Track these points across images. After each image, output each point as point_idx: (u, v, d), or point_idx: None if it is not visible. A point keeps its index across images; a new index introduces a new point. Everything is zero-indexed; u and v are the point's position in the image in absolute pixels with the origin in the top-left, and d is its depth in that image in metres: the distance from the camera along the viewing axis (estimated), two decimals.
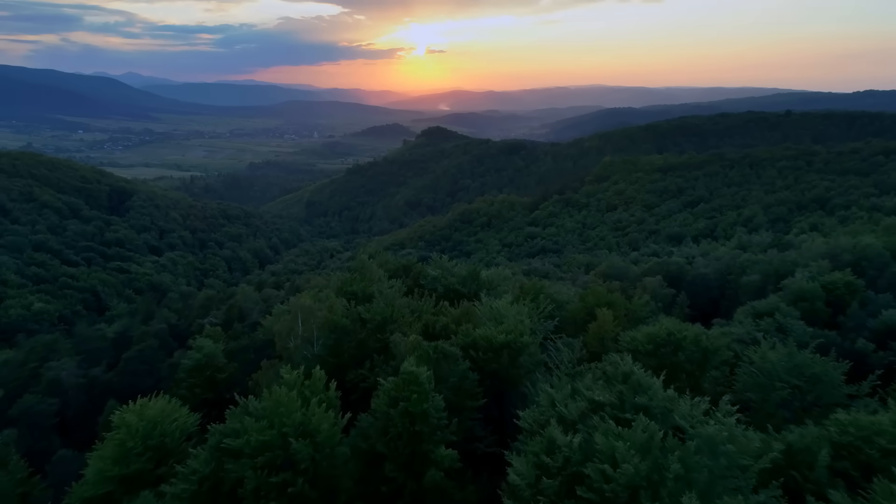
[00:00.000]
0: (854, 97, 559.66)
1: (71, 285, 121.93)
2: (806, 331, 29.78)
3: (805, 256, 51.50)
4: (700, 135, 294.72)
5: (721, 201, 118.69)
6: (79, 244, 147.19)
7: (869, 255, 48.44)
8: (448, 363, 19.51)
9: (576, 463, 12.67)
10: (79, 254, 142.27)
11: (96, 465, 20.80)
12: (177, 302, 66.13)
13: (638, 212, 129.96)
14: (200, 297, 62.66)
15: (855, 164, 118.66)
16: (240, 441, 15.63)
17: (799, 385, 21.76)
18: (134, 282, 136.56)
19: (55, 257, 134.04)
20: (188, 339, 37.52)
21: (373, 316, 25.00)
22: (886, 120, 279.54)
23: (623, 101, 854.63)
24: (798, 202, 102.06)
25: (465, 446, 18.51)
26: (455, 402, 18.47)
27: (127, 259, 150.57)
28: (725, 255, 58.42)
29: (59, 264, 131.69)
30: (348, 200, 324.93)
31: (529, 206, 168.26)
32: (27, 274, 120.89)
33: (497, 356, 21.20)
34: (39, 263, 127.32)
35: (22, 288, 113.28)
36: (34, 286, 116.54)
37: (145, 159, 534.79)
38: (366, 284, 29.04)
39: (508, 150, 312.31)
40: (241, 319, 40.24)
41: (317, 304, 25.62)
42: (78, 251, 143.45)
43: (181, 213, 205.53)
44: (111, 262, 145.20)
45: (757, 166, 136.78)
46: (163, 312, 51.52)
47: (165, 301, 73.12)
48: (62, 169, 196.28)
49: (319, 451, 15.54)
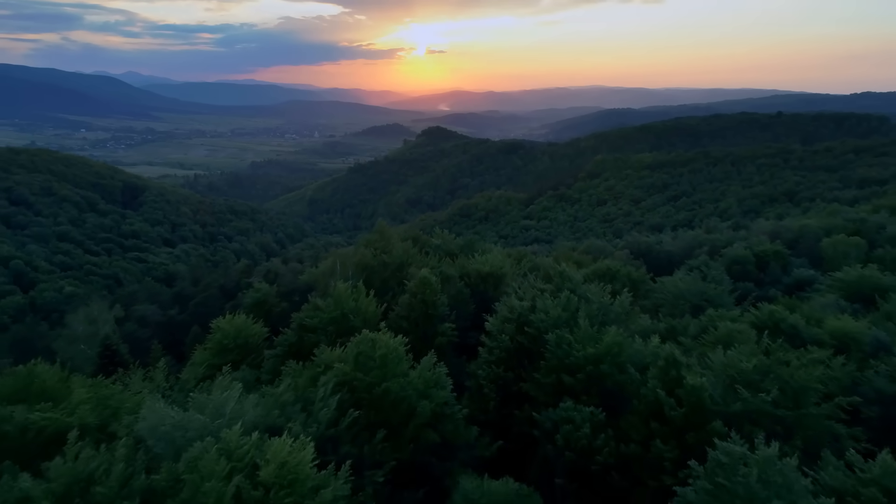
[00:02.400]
0: (851, 99, 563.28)
1: (95, 272, 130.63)
2: (725, 278, 38.49)
3: (752, 235, 60.37)
4: (694, 135, 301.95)
5: (702, 195, 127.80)
6: (98, 235, 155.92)
7: (805, 233, 57.33)
8: (449, 282, 28.23)
9: (525, 314, 21.43)
10: (99, 244, 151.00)
11: (201, 356, 29.49)
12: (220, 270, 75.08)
13: (625, 205, 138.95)
14: (239, 266, 71.73)
15: (826, 162, 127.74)
16: (315, 319, 24.34)
17: (699, 303, 30.65)
18: (152, 270, 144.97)
19: (78, 247, 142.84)
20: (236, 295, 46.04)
21: (393, 260, 33.75)
22: (874, 121, 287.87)
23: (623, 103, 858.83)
24: (770, 195, 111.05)
25: (460, 336, 27.19)
26: (453, 305, 27.20)
27: (143, 250, 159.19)
28: (689, 236, 67.34)
29: (83, 253, 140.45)
30: (350, 198, 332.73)
31: (525, 202, 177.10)
32: (54, 261, 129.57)
33: (484, 282, 29.96)
34: (65, 252, 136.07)
35: (51, 274, 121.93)
36: (62, 272, 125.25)
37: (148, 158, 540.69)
38: (385, 241, 37.78)
39: (507, 150, 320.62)
40: (276, 282, 49.04)
41: (350, 252, 34.37)
42: (98, 242, 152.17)
43: (191, 207, 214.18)
44: (129, 252, 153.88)
45: (738, 164, 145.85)
46: (211, 275, 60.49)
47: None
48: (78, 165, 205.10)
49: (368, 325, 24.25)
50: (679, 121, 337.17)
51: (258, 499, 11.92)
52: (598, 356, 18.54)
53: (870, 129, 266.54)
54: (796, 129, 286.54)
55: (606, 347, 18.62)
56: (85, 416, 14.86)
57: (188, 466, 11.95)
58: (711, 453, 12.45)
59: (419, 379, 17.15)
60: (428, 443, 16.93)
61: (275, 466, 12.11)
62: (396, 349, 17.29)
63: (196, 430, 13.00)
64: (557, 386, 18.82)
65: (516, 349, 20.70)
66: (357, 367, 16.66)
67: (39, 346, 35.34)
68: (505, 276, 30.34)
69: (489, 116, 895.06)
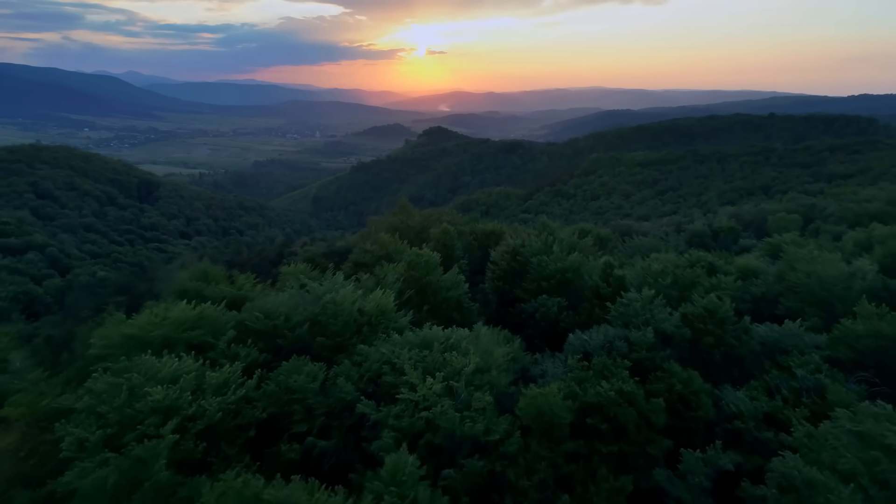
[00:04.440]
0: (849, 101, 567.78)
1: (121, 259, 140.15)
2: (682, 244, 48.04)
3: (718, 217, 69.96)
4: (688, 135, 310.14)
5: (687, 190, 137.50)
6: (120, 227, 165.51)
7: (760, 215, 66.98)
8: (462, 236, 37.78)
9: (517, 247, 30.98)
10: (121, 235, 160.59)
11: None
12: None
13: (617, 199, 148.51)
14: (279, 240, 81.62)
15: (803, 159, 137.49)
16: (367, 257, 33.86)
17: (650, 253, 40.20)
18: (173, 260, 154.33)
19: (103, 237, 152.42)
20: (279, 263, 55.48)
21: (416, 224, 43.30)
22: (863, 123, 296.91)
23: (622, 104, 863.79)
24: (748, 189, 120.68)
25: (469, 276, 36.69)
26: (466, 251, 36.76)
27: (163, 241, 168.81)
28: (665, 220, 77.01)
29: (108, 243, 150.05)
30: (354, 196, 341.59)
31: (524, 197, 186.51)
32: (83, 250, 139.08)
33: (487, 238, 39.50)
34: (92, 241, 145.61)
35: (82, 261, 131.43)
36: (91, 259, 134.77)
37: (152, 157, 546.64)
38: (407, 214, 47.35)
39: (507, 149, 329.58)
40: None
41: (382, 219, 43.93)
42: (120, 233, 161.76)
43: (204, 203, 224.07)
44: (150, 243, 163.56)
45: (723, 161, 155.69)
46: (253, 249, 70.06)
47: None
48: (96, 161, 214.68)
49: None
50: (674, 121, 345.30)
51: (365, 321, 21.47)
52: (565, 269, 28.07)
53: (858, 130, 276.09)
54: (787, 130, 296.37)
55: (570, 264, 28.16)
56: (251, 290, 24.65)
57: (326, 306, 21.48)
58: (619, 301, 22.04)
59: (447, 278, 26.72)
60: (453, 322, 26.45)
61: (374, 304, 21.67)
62: (433, 258, 26.84)
63: (326, 291, 22.59)
64: (537, 290, 28.30)
65: (510, 270, 30.24)
66: (409, 268, 26.17)
67: (143, 289, 44.36)
68: (504, 234, 39.87)
69: (489, 117, 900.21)
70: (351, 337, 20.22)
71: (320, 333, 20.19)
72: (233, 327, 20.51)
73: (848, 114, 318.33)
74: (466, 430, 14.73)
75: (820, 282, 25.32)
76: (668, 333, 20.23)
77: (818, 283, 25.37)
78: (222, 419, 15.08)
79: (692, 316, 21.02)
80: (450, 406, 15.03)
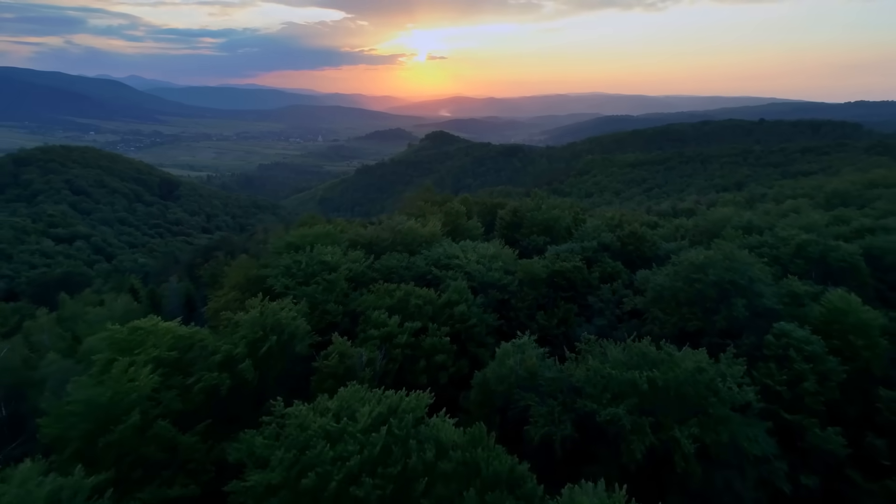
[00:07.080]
0: (845, 107, 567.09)
1: (156, 249, 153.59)
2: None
3: (685, 203, 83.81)
4: (681, 139, 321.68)
5: (671, 187, 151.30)
6: (150, 221, 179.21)
7: (716, 200, 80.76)
8: (476, 203, 51.42)
9: (517, 209, 44.59)
10: (151, 228, 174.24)
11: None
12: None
13: (608, 196, 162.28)
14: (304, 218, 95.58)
15: (776, 159, 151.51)
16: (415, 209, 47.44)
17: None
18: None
19: (136, 230, 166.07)
20: None
21: (437, 200, 56.88)
22: (848, 128, 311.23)
23: (622, 110, 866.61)
24: (723, 185, 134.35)
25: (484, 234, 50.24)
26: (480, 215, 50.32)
27: (188, 235, 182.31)
28: (644, 207, 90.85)
29: (141, 235, 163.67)
30: (360, 197, 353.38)
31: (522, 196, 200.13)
32: (122, 240, 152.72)
33: (494, 207, 53.08)
34: (127, 234, 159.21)
35: (122, 249, 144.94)
36: (129, 248, 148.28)
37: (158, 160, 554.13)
38: (430, 193, 60.99)
39: (507, 153, 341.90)
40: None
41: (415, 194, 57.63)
42: (150, 227, 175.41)
43: (221, 201, 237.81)
44: (177, 236, 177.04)
45: (706, 161, 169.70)
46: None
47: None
48: (120, 161, 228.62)
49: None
50: (669, 126, 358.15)
51: (424, 239, 35.02)
52: (550, 220, 41.67)
53: (843, 135, 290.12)
54: (775, 135, 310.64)
55: (553, 216, 41.77)
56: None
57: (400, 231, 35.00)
58: (580, 228, 35.65)
59: (471, 223, 40.43)
60: None
61: (428, 230, 35.23)
62: (461, 208, 40.54)
63: (397, 224, 36.22)
64: (530, 234, 41.93)
65: (512, 222, 43.87)
66: (446, 215, 39.85)
67: (227, 250, 57.63)
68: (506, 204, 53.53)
69: (490, 122, 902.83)
70: (418, 246, 33.85)
71: (400, 244, 33.83)
72: (345, 241, 34.14)
73: (847, 120, 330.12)
74: (489, 277, 28.24)
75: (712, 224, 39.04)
76: (608, 243, 33.80)
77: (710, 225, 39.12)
78: (362, 272, 28.89)
79: (623, 236, 34.59)
80: (482, 266, 28.61)
